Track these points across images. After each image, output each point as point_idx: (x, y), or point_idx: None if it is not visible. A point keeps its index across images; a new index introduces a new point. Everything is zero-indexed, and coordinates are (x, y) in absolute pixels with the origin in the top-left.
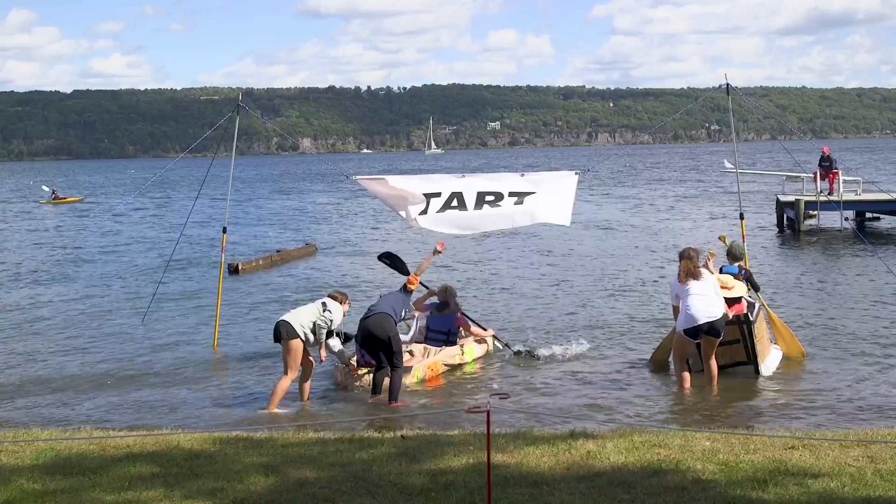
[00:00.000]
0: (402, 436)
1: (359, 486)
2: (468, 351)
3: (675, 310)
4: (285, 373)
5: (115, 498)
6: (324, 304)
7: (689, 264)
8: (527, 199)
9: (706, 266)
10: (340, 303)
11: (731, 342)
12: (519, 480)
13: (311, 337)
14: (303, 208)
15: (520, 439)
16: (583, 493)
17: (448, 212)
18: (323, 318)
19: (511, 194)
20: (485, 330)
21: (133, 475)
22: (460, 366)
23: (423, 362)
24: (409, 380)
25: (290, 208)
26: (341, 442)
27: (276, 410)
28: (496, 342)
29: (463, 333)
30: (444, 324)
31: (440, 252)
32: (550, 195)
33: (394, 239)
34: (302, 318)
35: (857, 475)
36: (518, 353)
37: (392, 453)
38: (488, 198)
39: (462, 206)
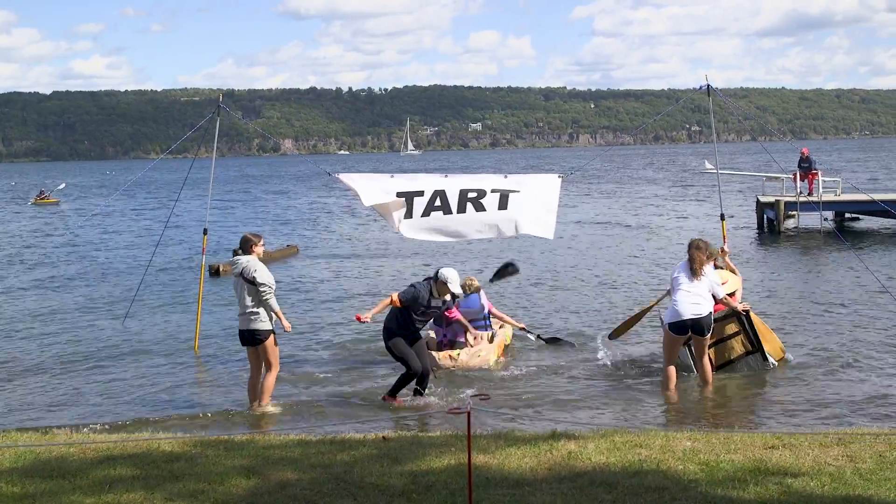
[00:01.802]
0: (383, 437)
1: (340, 488)
2: (508, 335)
3: None
4: (269, 370)
5: (96, 500)
6: (244, 277)
7: (700, 255)
8: (511, 202)
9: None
10: (250, 250)
11: (733, 335)
12: (500, 481)
13: (274, 320)
14: (284, 209)
15: (501, 440)
16: (564, 494)
17: (433, 214)
18: (261, 292)
19: (494, 191)
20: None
21: (113, 478)
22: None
23: (492, 345)
24: (489, 363)
25: (272, 209)
26: (322, 443)
27: (270, 408)
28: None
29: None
30: (473, 305)
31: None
32: (534, 201)
33: (376, 241)
34: (255, 317)
35: (836, 474)
36: (539, 337)
37: (373, 454)
38: (471, 195)
39: (446, 207)
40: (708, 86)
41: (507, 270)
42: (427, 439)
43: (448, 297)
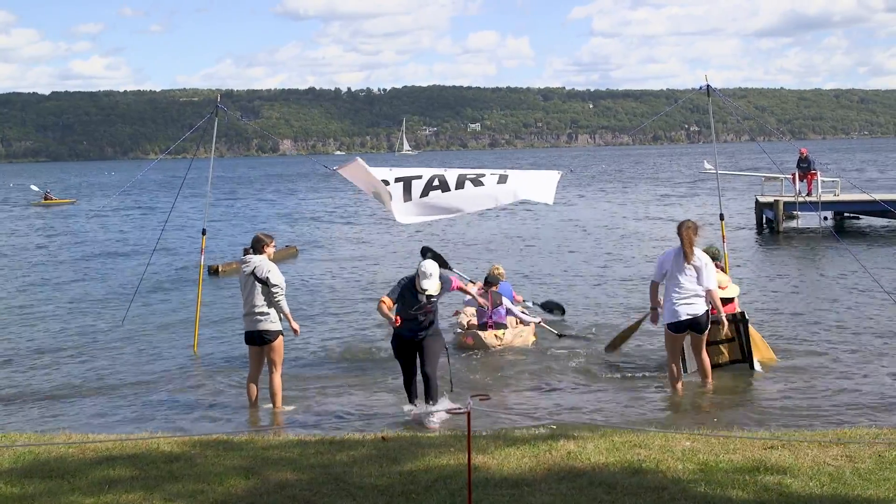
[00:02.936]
0: (382, 437)
1: (339, 488)
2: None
3: (654, 286)
4: (274, 370)
5: (94, 501)
6: (256, 276)
7: (691, 235)
8: (510, 178)
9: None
10: (262, 250)
11: (725, 341)
12: (500, 481)
13: (283, 320)
14: (284, 209)
15: (500, 440)
16: (563, 494)
17: (431, 194)
18: (273, 293)
19: (492, 174)
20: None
21: (112, 478)
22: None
23: (529, 329)
24: (528, 344)
25: (272, 209)
26: (321, 444)
27: (285, 408)
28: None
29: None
30: (506, 294)
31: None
32: (533, 177)
33: (376, 242)
34: (264, 318)
35: (835, 474)
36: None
37: (372, 455)
38: (469, 176)
39: (444, 186)
40: (708, 86)
41: (555, 309)
42: (426, 439)
43: (428, 294)
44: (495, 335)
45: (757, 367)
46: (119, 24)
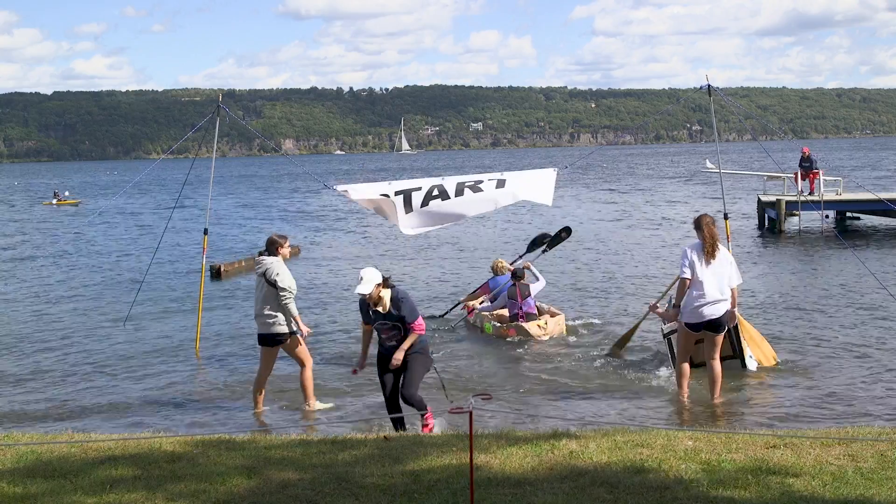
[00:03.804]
0: (384, 437)
1: (342, 488)
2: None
3: (685, 283)
4: (302, 367)
5: (97, 501)
6: (266, 278)
7: (714, 231)
8: (508, 181)
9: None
10: (276, 252)
11: None
12: (502, 481)
13: (291, 323)
14: (286, 209)
15: (502, 440)
16: (566, 493)
17: (431, 203)
18: (281, 296)
19: (490, 179)
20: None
21: (114, 478)
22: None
23: (561, 317)
24: (563, 332)
25: (274, 209)
26: (323, 443)
27: (319, 405)
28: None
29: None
30: (498, 284)
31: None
32: (531, 178)
33: (378, 242)
34: (272, 321)
35: (838, 474)
36: None
37: (375, 454)
38: (468, 183)
39: (444, 195)
40: (709, 85)
41: (560, 237)
42: (428, 439)
43: (384, 306)
44: (538, 325)
45: (751, 365)
46: (121, 24)
